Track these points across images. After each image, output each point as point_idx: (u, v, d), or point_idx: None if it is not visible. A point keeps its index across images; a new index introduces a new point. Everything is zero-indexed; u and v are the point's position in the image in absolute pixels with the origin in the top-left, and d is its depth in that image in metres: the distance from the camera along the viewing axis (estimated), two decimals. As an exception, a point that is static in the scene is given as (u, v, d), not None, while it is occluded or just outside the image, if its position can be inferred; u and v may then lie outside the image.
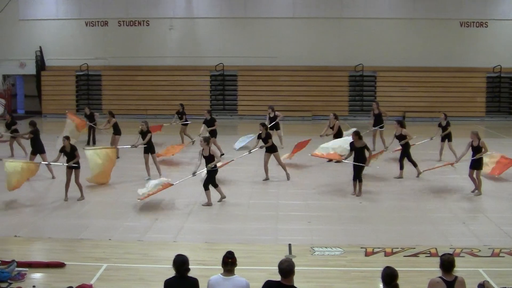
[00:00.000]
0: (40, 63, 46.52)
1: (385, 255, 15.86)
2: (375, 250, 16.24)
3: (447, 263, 10.14)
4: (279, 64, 45.33)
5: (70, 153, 21.48)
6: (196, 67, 45.89)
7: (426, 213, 20.11)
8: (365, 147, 22.31)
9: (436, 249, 16.15)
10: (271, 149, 24.45)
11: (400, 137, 25.15)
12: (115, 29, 46.28)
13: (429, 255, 15.85)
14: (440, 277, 10.12)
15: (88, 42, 46.49)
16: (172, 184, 21.12)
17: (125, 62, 46.13)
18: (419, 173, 25.15)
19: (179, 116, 32.86)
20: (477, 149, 22.10)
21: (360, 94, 45.66)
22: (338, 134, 28.04)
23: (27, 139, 26.64)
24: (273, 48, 45.39)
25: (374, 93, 45.47)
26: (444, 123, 27.98)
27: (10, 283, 13.92)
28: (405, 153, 25.08)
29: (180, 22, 46.19)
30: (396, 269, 9.86)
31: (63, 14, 46.42)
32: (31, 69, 46.96)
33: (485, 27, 45.06)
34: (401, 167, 25.18)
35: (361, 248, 16.41)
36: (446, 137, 28.00)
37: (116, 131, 29.85)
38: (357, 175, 22.24)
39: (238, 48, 45.66)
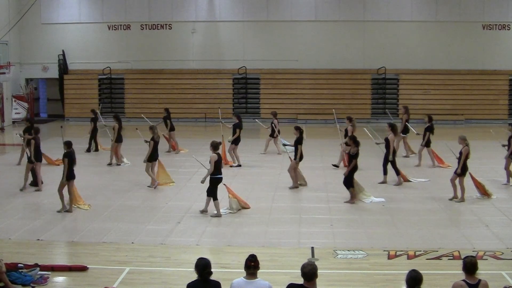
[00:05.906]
0: (63, 67, 46.69)
1: (408, 258, 15.83)
2: (398, 253, 16.20)
3: (469, 265, 10.14)
4: (302, 67, 45.36)
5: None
6: (219, 70, 45.99)
7: (449, 216, 20.06)
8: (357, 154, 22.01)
9: (459, 252, 16.09)
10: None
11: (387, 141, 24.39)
12: (137, 33, 46.43)
13: (452, 258, 15.80)
14: (463, 280, 10.11)
15: (110, 45, 46.67)
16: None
17: (147, 65, 46.27)
18: (399, 183, 24.25)
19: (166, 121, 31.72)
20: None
21: (382, 97, 45.53)
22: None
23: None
24: (295, 51, 45.41)
25: (396, 96, 45.35)
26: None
27: (33, 287, 14.00)
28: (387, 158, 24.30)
29: (202, 25, 46.26)
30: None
31: (85, 17, 46.62)
32: (53, 73, 47.11)
33: (508, 29, 44.83)
34: (385, 172, 24.44)
35: (384, 251, 16.39)
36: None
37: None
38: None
39: (260, 51, 45.71)
